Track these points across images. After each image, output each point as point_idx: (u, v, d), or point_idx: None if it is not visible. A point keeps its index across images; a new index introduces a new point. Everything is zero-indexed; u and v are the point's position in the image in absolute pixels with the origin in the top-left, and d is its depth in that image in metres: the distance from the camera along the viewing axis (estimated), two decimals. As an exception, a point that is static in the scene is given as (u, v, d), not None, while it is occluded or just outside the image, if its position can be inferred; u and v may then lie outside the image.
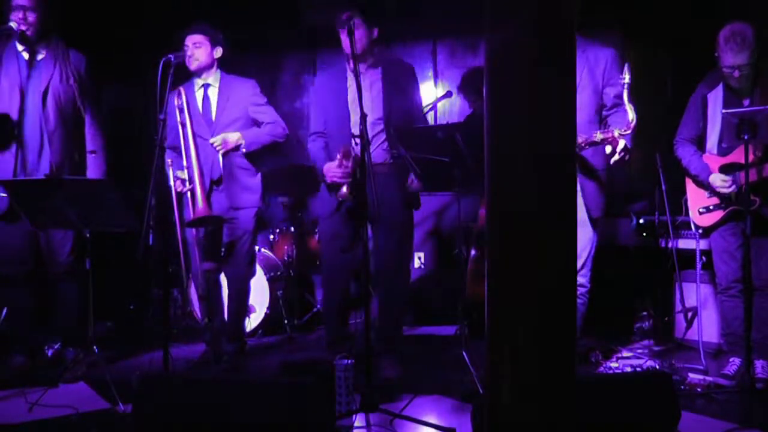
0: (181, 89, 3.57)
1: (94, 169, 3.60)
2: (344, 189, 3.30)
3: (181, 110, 3.54)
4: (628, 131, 2.90)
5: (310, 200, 5.58)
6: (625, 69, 2.89)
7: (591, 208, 3.15)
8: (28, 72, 3.42)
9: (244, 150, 3.59)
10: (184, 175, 3.54)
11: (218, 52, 3.63)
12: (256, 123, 3.70)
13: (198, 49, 3.55)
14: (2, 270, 3.44)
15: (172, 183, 3.59)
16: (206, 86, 3.65)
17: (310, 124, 3.67)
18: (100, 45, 3.77)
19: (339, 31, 3.30)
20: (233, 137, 3.55)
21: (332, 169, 3.31)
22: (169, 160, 3.60)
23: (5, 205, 3.34)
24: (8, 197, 3.25)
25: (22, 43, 3.41)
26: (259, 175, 3.72)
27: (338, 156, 3.29)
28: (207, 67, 3.63)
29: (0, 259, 3.43)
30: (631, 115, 2.87)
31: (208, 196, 3.54)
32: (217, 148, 3.52)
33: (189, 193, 3.50)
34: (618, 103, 3.05)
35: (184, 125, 3.54)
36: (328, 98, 3.50)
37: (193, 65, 3.56)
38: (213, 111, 3.65)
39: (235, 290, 3.67)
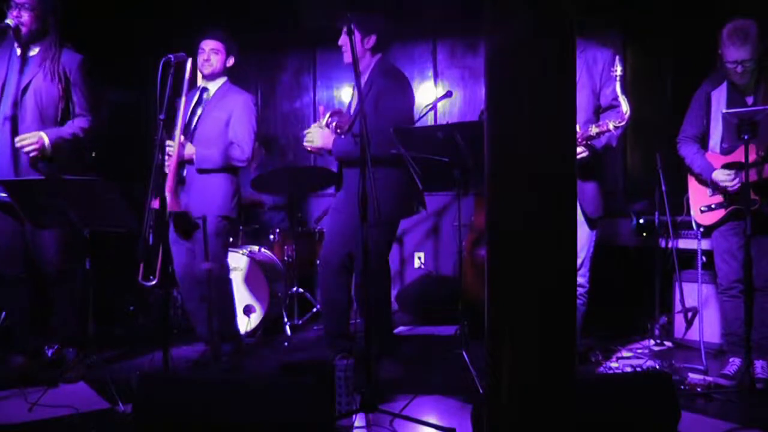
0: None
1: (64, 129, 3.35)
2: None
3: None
4: (623, 123, 2.89)
5: (310, 200, 5.57)
6: (617, 61, 2.87)
7: (588, 208, 3.15)
8: (20, 69, 3.35)
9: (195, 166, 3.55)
10: (171, 149, 3.49)
11: (230, 61, 3.65)
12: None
13: (215, 56, 3.58)
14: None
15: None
16: (203, 90, 3.65)
17: None
18: (100, 45, 3.74)
19: (340, 30, 3.32)
20: (188, 152, 3.52)
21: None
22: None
23: None
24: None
25: (17, 41, 3.37)
26: (226, 179, 3.59)
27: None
28: (218, 75, 3.64)
29: None
30: (625, 107, 2.87)
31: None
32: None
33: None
34: (614, 105, 3.04)
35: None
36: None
37: (207, 70, 3.58)
38: (195, 117, 3.63)
39: (211, 294, 3.56)
